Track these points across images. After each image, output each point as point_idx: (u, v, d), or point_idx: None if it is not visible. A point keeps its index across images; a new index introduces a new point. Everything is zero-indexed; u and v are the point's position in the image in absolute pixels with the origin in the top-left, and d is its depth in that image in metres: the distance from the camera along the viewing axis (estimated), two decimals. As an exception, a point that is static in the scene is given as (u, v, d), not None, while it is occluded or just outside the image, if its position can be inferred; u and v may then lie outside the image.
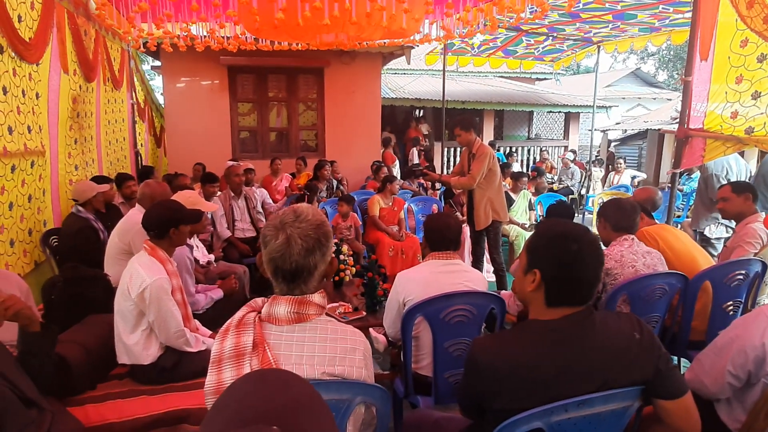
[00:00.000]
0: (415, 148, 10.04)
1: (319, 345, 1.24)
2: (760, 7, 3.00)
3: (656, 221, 3.26)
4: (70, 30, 4.48)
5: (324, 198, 6.33)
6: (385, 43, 6.53)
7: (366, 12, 3.50)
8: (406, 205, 5.89)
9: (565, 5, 4.77)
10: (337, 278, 3.60)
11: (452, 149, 11.24)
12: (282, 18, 3.47)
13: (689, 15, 3.60)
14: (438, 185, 7.27)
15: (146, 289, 2.19)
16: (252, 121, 8.20)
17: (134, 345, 2.29)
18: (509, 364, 1.26)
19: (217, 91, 7.63)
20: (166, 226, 2.38)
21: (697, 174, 6.23)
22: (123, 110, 6.65)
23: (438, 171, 7.64)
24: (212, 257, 4.01)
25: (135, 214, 3.05)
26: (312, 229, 1.24)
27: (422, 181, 7.56)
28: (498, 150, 10.85)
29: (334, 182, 7.16)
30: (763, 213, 3.23)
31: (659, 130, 11.59)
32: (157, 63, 8.02)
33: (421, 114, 12.45)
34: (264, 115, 8.07)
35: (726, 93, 3.31)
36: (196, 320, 2.61)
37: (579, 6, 5.48)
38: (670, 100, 16.24)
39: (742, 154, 4.75)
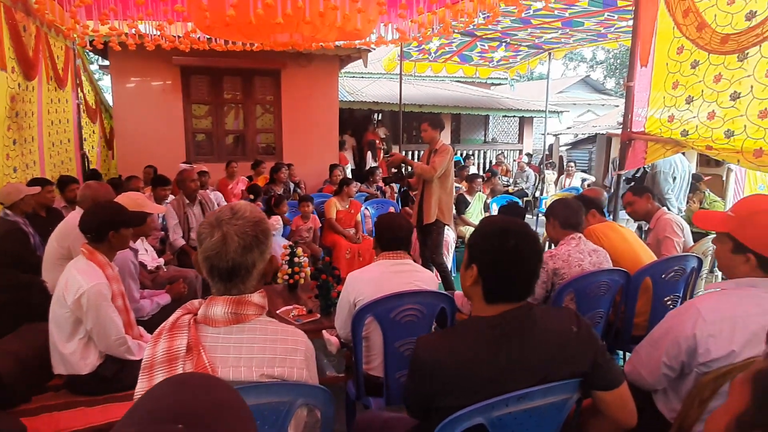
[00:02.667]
0: (371, 152, 10.09)
1: (258, 346, 1.21)
2: (695, 16, 3.15)
3: (606, 219, 3.38)
4: (7, 25, 4.25)
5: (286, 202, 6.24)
6: (341, 44, 6.52)
7: (319, 11, 3.48)
8: (363, 208, 5.88)
9: (515, 11, 4.89)
10: (291, 281, 3.56)
11: (411, 152, 11.32)
12: (233, 15, 3.41)
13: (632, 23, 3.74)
14: (397, 186, 7.30)
15: (83, 295, 2.09)
16: (208, 124, 8.01)
17: (71, 354, 2.18)
18: (452, 362, 1.26)
19: (169, 92, 7.41)
20: (105, 229, 2.27)
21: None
22: (68, 110, 6.36)
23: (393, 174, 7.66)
24: (162, 261, 3.87)
25: (75, 217, 2.90)
26: (250, 226, 1.20)
27: (380, 184, 7.58)
28: (456, 153, 11.00)
29: (291, 185, 7.09)
30: (665, 207, 3.47)
31: (606, 133, 12.04)
32: (106, 62, 7.72)
33: (380, 117, 12.49)
34: (219, 118, 7.90)
35: (664, 98, 3.47)
36: (140, 327, 2.51)
37: (530, 12, 5.63)
38: (617, 106, 16.90)
39: (683, 154, 4.99)
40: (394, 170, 6.07)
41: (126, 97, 7.25)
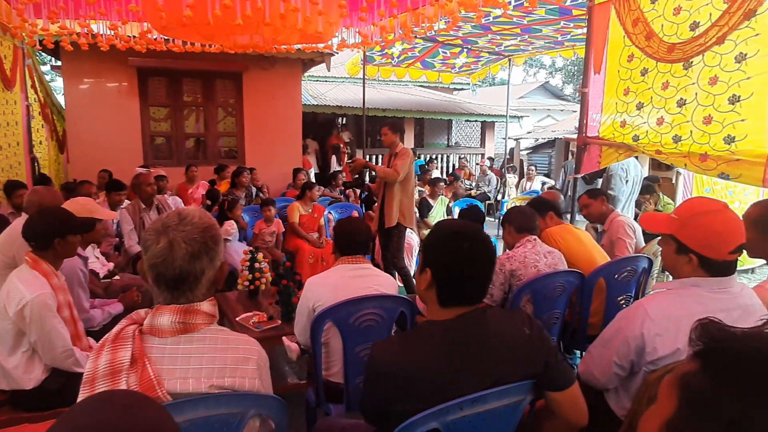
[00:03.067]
0: (335, 156, 10.06)
1: (207, 356, 1.17)
2: (643, 26, 3.28)
3: (563, 221, 3.47)
4: (-54, 23, 4.04)
5: (242, 206, 6.13)
6: (302, 48, 6.47)
7: (280, 13, 3.44)
8: (326, 212, 5.85)
9: (474, 17, 4.97)
10: (252, 287, 3.50)
11: (375, 156, 11.34)
12: (190, 16, 3.33)
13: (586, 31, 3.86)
14: (360, 191, 7.29)
15: (26, 306, 1.99)
16: (167, 127, 7.80)
17: (14, 369, 2.07)
18: (407, 368, 1.26)
19: (125, 94, 7.19)
20: (50, 236, 2.17)
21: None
22: (17, 112, 6.07)
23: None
24: (111, 265, 3.73)
25: (20, 224, 2.76)
26: (198, 232, 1.17)
27: (343, 188, 7.56)
28: (419, 157, 11.09)
29: (254, 189, 6.98)
30: (619, 210, 3.61)
31: (563, 138, 12.39)
32: (59, 63, 7.43)
33: (344, 122, 12.46)
34: (179, 121, 7.71)
35: (616, 104, 3.59)
36: (90, 338, 2.41)
37: (489, 19, 5.73)
38: (575, 111, 17.42)
39: (636, 158, 5.18)
40: (356, 176, 6.07)
41: (79, 99, 6.99)
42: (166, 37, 5.15)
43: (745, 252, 1.70)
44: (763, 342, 0.63)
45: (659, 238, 1.73)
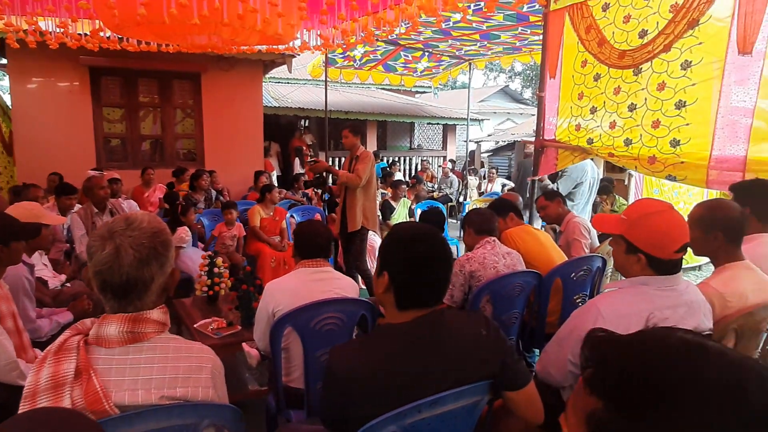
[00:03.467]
0: (298, 158, 9.98)
1: (157, 366, 1.13)
2: (596, 33, 3.39)
3: (523, 222, 3.53)
4: None
5: (201, 209, 5.99)
6: (263, 49, 6.38)
7: (238, 13, 3.38)
8: (288, 215, 5.78)
9: (435, 21, 5.02)
10: (211, 292, 3.42)
11: (337, 158, 11.31)
12: (144, 14, 3.23)
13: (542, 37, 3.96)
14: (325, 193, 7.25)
15: (-35, 317, 1.88)
16: (122, 128, 7.54)
17: (-48, 383, 1.95)
18: (365, 372, 1.25)
19: (77, 94, 6.91)
20: (-8, 243, 2.06)
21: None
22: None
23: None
24: (63, 277, 3.58)
25: (-41, 231, 2.62)
26: (147, 237, 1.13)
27: (304, 190, 7.51)
28: (382, 160, 11.12)
29: (213, 193, 6.84)
30: (577, 211, 3.73)
31: (521, 141, 12.69)
32: (4, 61, 7.07)
33: (306, 124, 12.37)
34: (134, 122, 7.47)
35: (571, 108, 3.69)
36: (36, 349, 2.30)
37: (450, 24, 5.81)
38: (533, 115, 17.85)
39: (593, 160, 5.35)
40: (317, 175, 6.04)
41: (27, 98, 6.68)
42: (120, 36, 4.99)
43: (690, 250, 1.78)
44: (648, 352, 0.62)
45: (611, 238, 1.78)
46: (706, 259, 2.14)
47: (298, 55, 7.23)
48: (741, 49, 2.63)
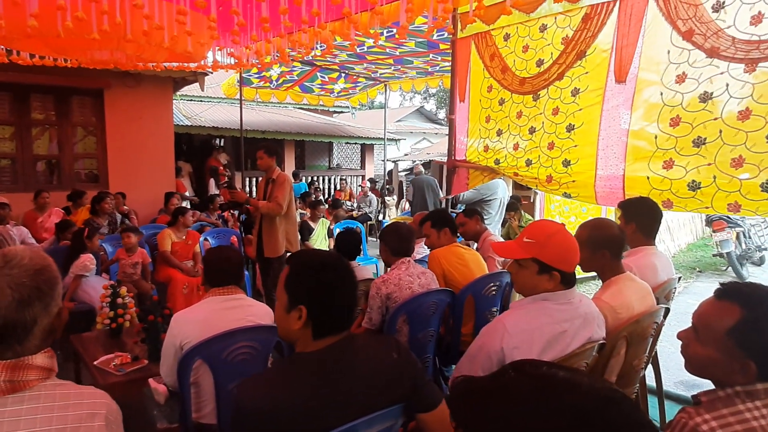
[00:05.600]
0: (213, 179, 9.65)
1: (41, 417, 1.02)
2: (499, 60, 3.63)
3: (456, 239, 3.57)
4: None
5: (103, 235, 5.58)
6: (173, 66, 6.14)
7: (143, 30, 3.24)
8: (202, 239, 5.54)
9: (348, 45, 5.11)
10: (114, 325, 3.19)
11: (254, 179, 11.06)
12: (36, 26, 3.00)
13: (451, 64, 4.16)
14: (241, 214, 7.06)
15: None
16: (11, 147, 6.89)
17: None
18: (275, 405, 1.21)
19: (-43, 109, 6.25)
20: None
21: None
22: None
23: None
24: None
25: None
26: (28, 275, 1.04)
27: (221, 212, 7.26)
28: (301, 180, 11.03)
29: (119, 216, 6.40)
30: (488, 229, 3.93)
31: (435, 161, 13.16)
32: None
33: (222, 144, 12.01)
34: (25, 141, 6.85)
35: (479, 130, 3.90)
36: None
37: (364, 48, 5.94)
38: (447, 135, 18.60)
39: (502, 179, 5.64)
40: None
41: None
42: (8, 49, 4.59)
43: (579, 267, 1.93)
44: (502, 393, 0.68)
45: (513, 263, 1.84)
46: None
47: (211, 73, 7.02)
48: (618, 77, 2.94)
